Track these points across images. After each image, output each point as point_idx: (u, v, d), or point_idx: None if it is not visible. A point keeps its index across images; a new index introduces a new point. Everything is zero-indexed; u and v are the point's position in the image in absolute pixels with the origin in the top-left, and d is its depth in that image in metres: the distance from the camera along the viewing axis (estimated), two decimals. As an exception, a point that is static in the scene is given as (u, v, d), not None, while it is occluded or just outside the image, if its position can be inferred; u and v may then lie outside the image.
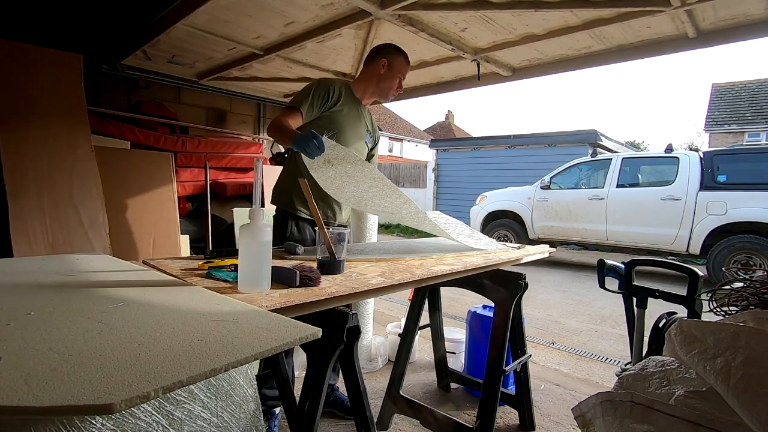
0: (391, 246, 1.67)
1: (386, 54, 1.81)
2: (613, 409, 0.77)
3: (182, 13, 2.08)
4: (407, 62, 1.85)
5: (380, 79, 1.82)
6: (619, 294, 1.71)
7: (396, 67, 1.82)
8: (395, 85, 1.84)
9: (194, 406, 0.68)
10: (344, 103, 1.77)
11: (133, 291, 0.87)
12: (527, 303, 3.98)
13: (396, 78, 1.84)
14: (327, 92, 1.72)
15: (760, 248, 4.82)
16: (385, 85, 1.83)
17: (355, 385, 1.14)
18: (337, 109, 1.74)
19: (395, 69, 1.82)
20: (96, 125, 2.83)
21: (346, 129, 1.76)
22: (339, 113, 1.75)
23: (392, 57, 1.81)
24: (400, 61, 1.83)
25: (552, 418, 2.03)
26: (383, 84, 1.83)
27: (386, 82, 1.83)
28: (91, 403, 0.43)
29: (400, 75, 1.85)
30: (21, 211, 2.25)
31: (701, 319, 1.34)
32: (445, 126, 27.34)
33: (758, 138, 12.62)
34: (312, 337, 0.66)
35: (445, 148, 11.49)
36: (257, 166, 0.99)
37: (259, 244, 0.93)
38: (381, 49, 1.85)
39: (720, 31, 2.01)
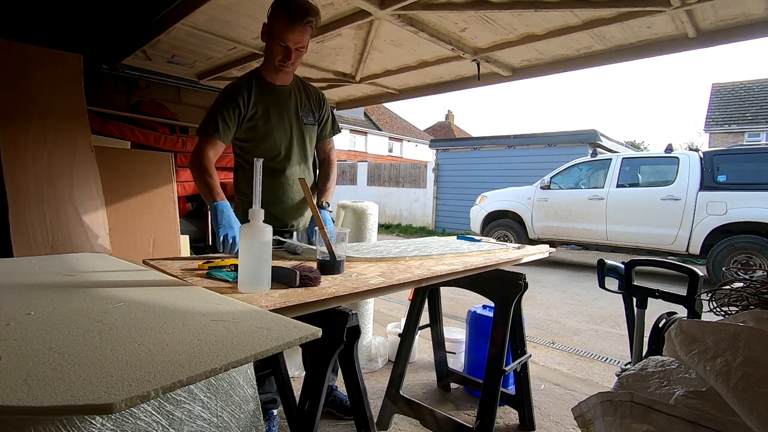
0: (391, 246, 1.67)
1: (268, 18, 1.46)
2: (613, 409, 0.77)
3: (182, 13, 2.08)
4: (289, 20, 1.40)
5: (267, 54, 1.50)
6: (619, 294, 1.71)
7: (276, 30, 1.43)
8: (279, 53, 1.46)
9: (194, 406, 0.68)
10: (257, 101, 1.53)
11: (133, 291, 0.87)
12: (527, 303, 3.98)
13: (277, 46, 1.45)
14: (237, 104, 1.49)
15: (760, 248, 4.82)
16: (270, 55, 1.49)
17: (355, 385, 1.14)
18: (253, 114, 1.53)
19: (275, 36, 1.45)
20: (96, 125, 2.83)
21: (271, 132, 1.56)
22: (257, 120, 1.54)
23: (271, 21, 1.44)
24: (278, 25, 1.42)
25: (552, 418, 2.03)
26: (269, 55, 1.50)
27: (269, 52, 1.50)
28: (91, 403, 0.43)
29: (280, 41, 1.44)
30: (21, 211, 2.25)
31: (701, 319, 1.34)
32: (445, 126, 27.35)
33: (758, 138, 12.63)
34: (312, 337, 0.66)
35: (445, 148, 11.50)
36: (257, 166, 0.99)
37: (259, 244, 0.93)
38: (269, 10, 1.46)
39: (720, 31, 2.01)
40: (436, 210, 11.65)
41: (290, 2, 1.41)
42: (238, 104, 1.49)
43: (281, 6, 1.42)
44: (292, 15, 1.40)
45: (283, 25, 1.41)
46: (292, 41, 1.45)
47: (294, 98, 1.63)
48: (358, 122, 20.73)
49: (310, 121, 1.67)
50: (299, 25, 1.42)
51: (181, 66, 3.03)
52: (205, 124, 1.50)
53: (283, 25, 1.41)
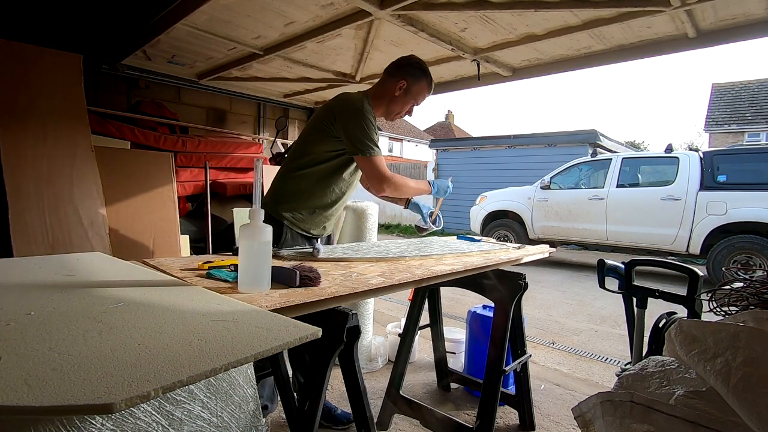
0: (391, 246, 1.67)
1: (408, 75, 1.61)
2: (613, 409, 0.77)
3: (182, 13, 2.08)
4: (429, 88, 1.65)
5: (392, 101, 1.64)
6: (619, 294, 1.71)
7: (414, 92, 1.63)
8: (405, 110, 1.67)
9: (194, 406, 0.68)
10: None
11: (133, 291, 0.87)
12: (527, 303, 3.98)
13: (408, 104, 1.66)
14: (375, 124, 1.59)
15: (760, 248, 4.82)
16: (395, 108, 1.66)
17: (355, 385, 1.14)
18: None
19: (412, 94, 1.64)
20: (96, 125, 2.83)
21: None
22: None
23: (414, 81, 1.62)
24: (420, 88, 1.64)
25: (552, 418, 2.03)
26: (393, 107, 1.65)
27: (397, 105, 1.65)
28: (91, 403, 0.43)
29: (415, 102, 1.66)
30: (21, 211, 2.25)
31: (701, 319, 1.34)
32: (445, 126, 27.34)
33: (758, 138, 12.63)
34: (312, 337, 0.66)
35: (445, 148, 11.50)
36: (257, 166, 0.99)
37: (259, 244, 0.93)
38: (404, 66, 1.63)
39: (720, 31, 2.01)
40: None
41: (430, 73, 1.67)
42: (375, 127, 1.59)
43: (425, 74, 1.65)
44: (431, 86, 1.69)
45: (424, 92, 1.67)
46: (420, 102, 1.70)
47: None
48: (358, 122, 20.67)
49: None
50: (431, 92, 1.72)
51: (181, 66, 3.03)
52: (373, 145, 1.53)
53: (424, 92, 1.67)
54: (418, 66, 1.64)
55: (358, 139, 1.50)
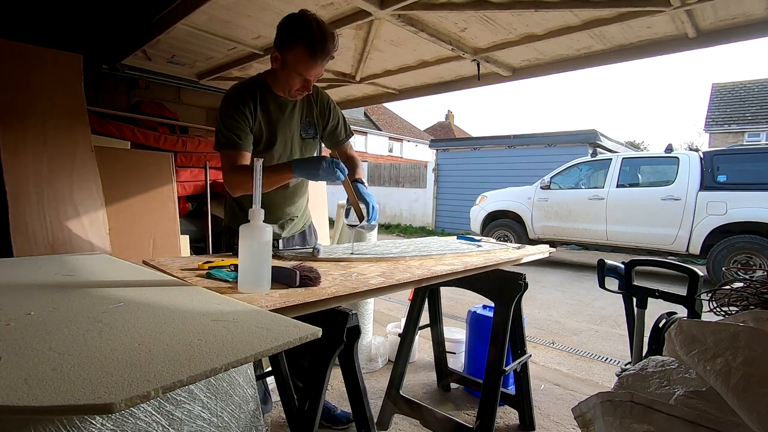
0: (391, 246, 1.67)
1: (279, 44, 1.34)
2: (613, 409, 0.77)
3: (182, 13, 2.08)
4: (311, 55, 1.30)
5: (276, 75, 1.42)
6: (619, 294, 1.71)
7: (291, 63, 1.33)
8: (295, 84, 1.39)
9: (194, 406, 0.68)
10: (261, 114, 1.45)
11: (133, 291, 0.87)
12: (527, 303, 3.98)
13: (293, 78, 1.37)
14: (245, 115, 1.40)
15: (760, 248, 4.82)
16: (283, 84, 1.41)
17: (355, 385, 1.14)
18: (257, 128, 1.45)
19: (290, 66, 1.34)
20: (96, 125, 2.83)
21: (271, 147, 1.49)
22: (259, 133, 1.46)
23: (285, 51, 1.33)
24: (296, 57, 1.32)
25: (552, 418, 2.03)
26: (280, 82, 1.42)
27: (282, 80, 1.40)
28: (91, 403, 0.43)
29: (298, 74, 1.35)
30: (21, 211, 2.25)
31: (701, 319, 1.34)
32: (445, 126, 27.34)
33: (758, 138, 12.63)
34: (312, 337, 0.66)
35: (445, 148, 11.50)
36: (257, 166, 0.99)
37: (259, 244, 0.93)
38: (279, 34, 1.34)
39: (720, 31, 2.01)
40: (436, 210, 11.65)
41: (312, 36, 1.29)
42: (247, 116, 1.41)
43: (301, 39, 1.29)
44: (314, 51, 1.30)
45: (305, 60, 1.32)
46: (313, 75, 1.37)
47: (298, 111, 1.54)
48: (358, 122, 20.74)
49: (310, 135, 1.59)
50: (321, 60, 1.33)
51: (181, 66, 3.03)
52: (226, 140, 1.39)
53: (305, 60, 1.32)
54: (286, 30, 1.32)
55: (216, 134, 1.41)
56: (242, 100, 1.41)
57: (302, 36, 1.29)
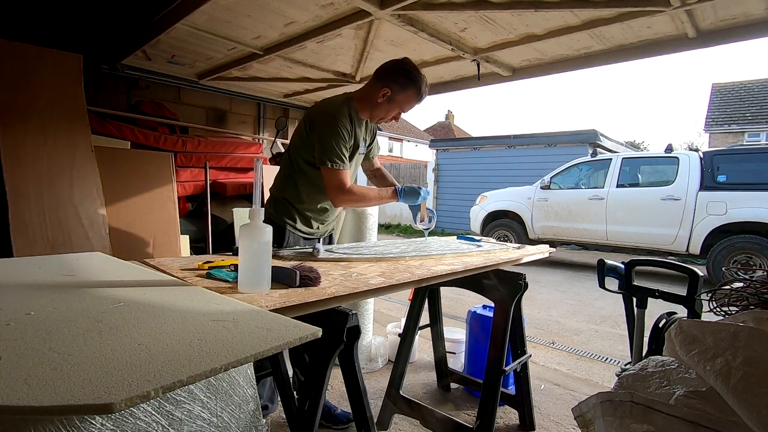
0: (391, 246, 1.67)
1: (393, 84, 1.54)
2: (613, 409, 0.77)
3: (182, 13, 2.08)
4: (418, 96, 1.57)
5: (376, 107, 1.60)
6: (619, 294, 1.71)
7: (399, 101, 1.57)
8: (390, 116, 1.62)
9: (194, 406, 0.68)
10: (354, 134, 1.61)
11: (133, 291, 0.87)
12: (527, 303, 3.98)
13: (393, 111, 1.60)
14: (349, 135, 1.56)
15: (760, 248, 4.82)
16: (378, 113, 1.62)
17: (355, 385, 1.14)
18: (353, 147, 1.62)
19: (397, 102, 1.58)
20: (96, 125, 2.83)
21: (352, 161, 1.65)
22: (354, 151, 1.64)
23: (398, 90, 1.55)
24: (406, 97, 1.57)
25: (552, 418, 2.03)
26: (376, 112, 1.61)
27: (380, 111, 1.61)
28: (91, 403, 0.43)
29: (401, 110, 1.61)
30: (21, 211, 2.25)
31: (701, 319, 1.34)
32: (445, 126, 27.33)
33: (758, 138, 12.62)
34: (312, 337, 0.66)
35: (445, 148, 11.50)
36: (257, 166, 0.99)
37: (259, 244, 0.93)
38: (391, 72, 1.56)
39: (720, 31, 2.01)
40: (436, 210, 11.62)
41: (421, 81, 1.56)
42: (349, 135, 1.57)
43: (413, 83, 1.55)
44: (421, 95, 1.58)
45: (412, 100, 1.58)
46: (407, 110, 1.62)
47: (363, 131, 1.71)
48: (358, 122, 20.69)
49: (362, 151, 1.75)
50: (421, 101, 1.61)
51: (181, 66, 3.03)
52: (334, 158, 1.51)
53: (412, 100, 1.58)
54: (406, 73, 1.55)
55: (324, 151, 1.51)
56: (346, 123, 1.56)
57: (416, 82, 1.56)
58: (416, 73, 1.56)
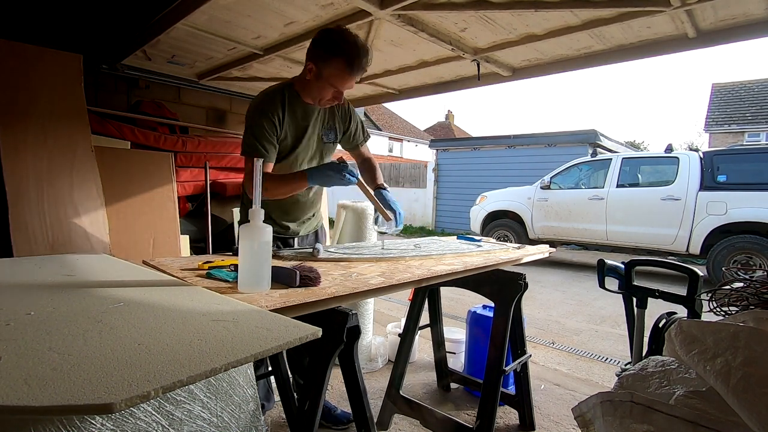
0: (391, 246, 1.67)
1: (315, 57, 1.38)
2: (613, 409, 0.77)
3: (182, 13, 2.08)
4: (347, 69, 1.36)
5: (308, 86, 1.45)
6: (619, 294, 1.71)
7: (326, 76, 1.38)
8: (327, 95, 1.43)
9: (194, 406, 0.68)
10: (288, 121, 1.48)
11: (133, 291, 0.87)
12: (527, 303, 3.98)
13: (326, 89, 1.41)
14: (274, 125, 1.43)
15: (760, 248, 4.82)
16: (315, 94, 1.45)
17: (355, 385, 1.14)
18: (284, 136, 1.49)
19: (324, 78, 1.39)
20: (96, 125, 2.83)
21: (296, 152, 1.53)
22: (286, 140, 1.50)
23: (322, 64, 1.37)
24: (332, 70, 1.36)
25: (552, 418, 2.02)
26: (312, 92, 1.46)
27: (315, 91, 1.44)
28: (91, 403, 0.43)
29: (332, 86, 1.40)
30: (21, 211, 2.25)
31: (701, 319, 1.34)
32: (445, 126, 27.34)
33: (758, 138, 12.62)
34: (312, 337, 0.66)
35: (445, 148, 11.50)
36: (257, 166, 0.99)
37: (259, 244, 0.93)
38: (313, 46, 1.39)
39: (720, 31, 2.01)
40: (436, 210, 11.64)
41: (349, 50, 1.34)
42: (275, 125, 1.45)
43: (338, 53, 1.34)
44: (352, 65, 1.35)
45: (341, 74, 1.37)
46: (346, 87, 1.42)
47: (321, 116, 1.58)
48: (358, 122, 20.68)
49: (330, 140, 1.63)
50: (357, 74, 1.39)
51: (181, 66, 3.03)
52: (253, 149, 1.42)
53: (341, 74, 1.37)
54: (326, 44, 1.36)
55: (243, 142, 1.46)
56: (272, 110, 1.44)
57: (341, 51, 1.34)
58: (341, 41, 1.34)
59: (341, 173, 1.31)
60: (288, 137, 1.51)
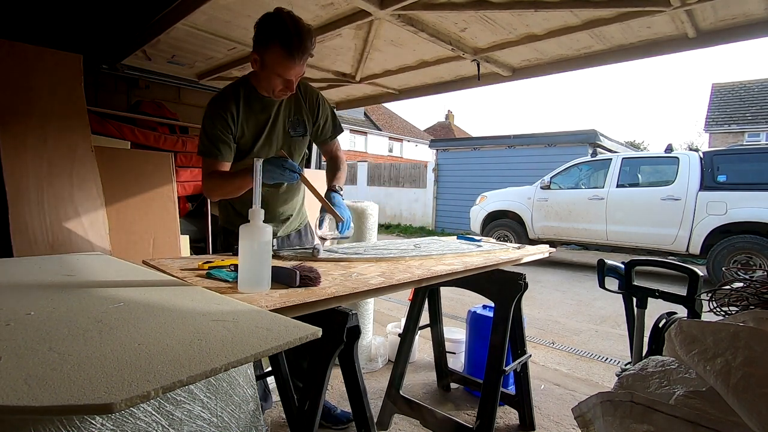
0: (391, 246, 1.67)
1: (256, 46, 1.33)
2: (613, 409, 0.77)
3: (182, 13, 2.08)
4: (288, 55, 1.28)
5: (259, 78, 1.41)
6: (619, 294, 1.71)
7: (270, 64, 1.31)
8: (277, 85, 1.37)
9: (194, 406, 0.68)
10: (245, 117, 1.45)
11: (133, 291, 0.87)
12: (527, 303, 3.98)
13: (273, 78, 1.35)
14: (228, 124, 1.40)
15: (760, 248, 4.82)
16: (266, 84, 1.39)
17: (355, 385, 1.14)
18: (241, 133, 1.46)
19: (269, 67, 1.33)
20: (96, 125, 2.83)
21: (258, 148, 1.49)
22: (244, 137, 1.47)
23: (262, 51, 1.31)
24: (273, 57, 1.29)
25: (552, 418, 2.02)
26: (264, 83, 1.40)
27: (264, 81, 1.39)
28: (91, 403, 0.43)
29: (278, 75, 1.33)
30: (21, 211, 2.25)
31: (701, 319, 1.34)
32: (445, 126, 27.34)
33: (758, 138, 12.62)
34: (312, 337, 0.66)
35: (445, 148, 11.50)
36: (257, 166, 0.99)
37: (259, 244, 0.93)
38: (256, 35, 1.32)
39: (720, 31, 2.01)
40: (436, 210, 11.65)
41: (287, 35, 1.26)
42: (229, 124, 1.42)
43: (277, 39, 1.26)
44: (291, 51, 1.27)
45: (282, 61, 1.29)
46: (293, 75, 1.35)
47: (285, 109, 1.53)
48: (358, 122, 20.72)
49: (299, 133, 1.57)
50: (300, 59, 1.31)
51: (181, 66, 3.02)
52: (206, 148, 1.42)
53: (282, 61, 1.29)
54: (261, 30, 1.31)
55: (199, 140, 1.45)
56: (225, 107, 1.42)
57: (277, 36, 1.27)
58: (276, 25, 1.28)
59: (282, 168, 1.26)
60: (245, 133, 1.47)
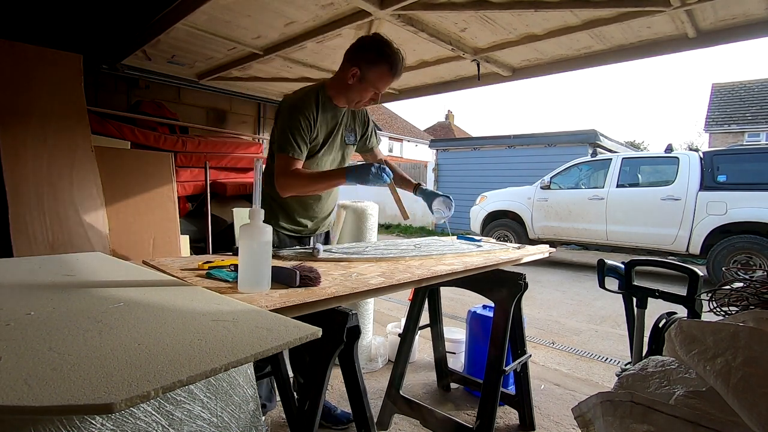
0: (391, 246, 1.67)
1: (361, 62, 1.48)
2: (613, 409, 0.77)
3: (182, 13, 2.08)
4: (390, 73, 1.49)
5: (348, 89, 1.53)
6: (619, 294, 1.71)
7: (370, 80, 1.49)
8: (366, 98, 1.55)
9: (194, 406, 0.68)
10: (320, 122, 1.56)
11: (133, 291, 0.87)
12: (527, 303, 3.98)
13: (367, 91, 1.52)
14: (309, 123, 1.51)
15: (760, 248, 4.82)
16: (353, 96, 1.55)
17: (355, 385, 1.14)
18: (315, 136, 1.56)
19: (369, 81, 1.49)
20: (96, 125, 2.83)
21: (323, 152, 1.61)
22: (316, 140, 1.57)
23: (368, 68, 1.47)
24: (377, 74, 1.48)
25: (552, 418, 2.02)
26: (350, 95, 1.55)
27: (354, 93, 1.54)
28: (91, 403, 0.43)
29: (375, 89, 1.52)
30: (21, 211, 2.25)
31: (701, 319, 1.34)
32: (445, 126, 27.33)
33: (758, 138, 12.62)
34: (312, 337, 0.66)
35: (445, 148, 11.49)
36: (257, 166, 0.99)
37: (259, 244, 0.93)
38: (357, 50, 1.50)
39: (720, 31, 2.01)
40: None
41: (392, 55, 1.47)
42: (311, 125, 1.52)
43: (384, 58, 1.46)
44: (395, 70, 1.49)
45: (384, 77, 1.50)
46: (383, 89, 1.54)
47: (344, 119, 1.67)
48: (358, 122, 20.67)
49: (351, 142, 1.71)
50: (397, 77, 1.52)
51: (181, 66, 3.03)
52: (286, 145, 1.49)
53: (384, 77, 1.50)
54: (374, 49, 1.47)
55: (279, 139, 1.52)
56: (308, 110, 1.52)
57: (386, 56, 1.47)
58: (386, 48, 1.47)
59: (379, 173, 1.42)
60: (319, 137, 1.59)
